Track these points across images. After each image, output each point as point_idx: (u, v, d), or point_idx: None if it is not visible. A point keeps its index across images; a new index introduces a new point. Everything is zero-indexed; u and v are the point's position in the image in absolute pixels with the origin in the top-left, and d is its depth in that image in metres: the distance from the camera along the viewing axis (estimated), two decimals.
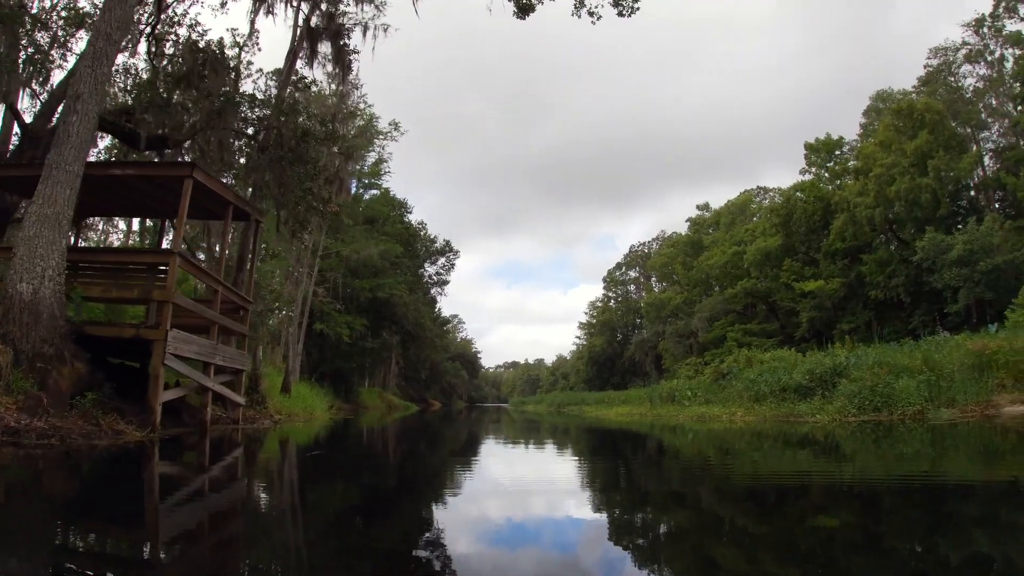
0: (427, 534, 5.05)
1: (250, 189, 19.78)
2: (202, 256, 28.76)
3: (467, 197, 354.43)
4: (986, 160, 47.59)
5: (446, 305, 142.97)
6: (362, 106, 41.72)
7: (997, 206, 44.74)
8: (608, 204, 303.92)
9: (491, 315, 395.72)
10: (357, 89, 32.85)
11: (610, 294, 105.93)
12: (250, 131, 19.04)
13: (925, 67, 51.94)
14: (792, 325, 55.24)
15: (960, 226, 42.08)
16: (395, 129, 46.29)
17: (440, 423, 29.76)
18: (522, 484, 8.29)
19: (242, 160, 19.62)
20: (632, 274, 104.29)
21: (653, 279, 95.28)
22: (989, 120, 48.30)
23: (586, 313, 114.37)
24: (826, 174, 60.18)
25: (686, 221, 79.86)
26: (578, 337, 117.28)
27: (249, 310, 17.37)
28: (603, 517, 5.92)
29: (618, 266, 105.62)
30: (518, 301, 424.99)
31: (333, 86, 31.27)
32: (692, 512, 6.31)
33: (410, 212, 51.91)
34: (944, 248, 37.73)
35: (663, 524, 5.68)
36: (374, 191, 48.31)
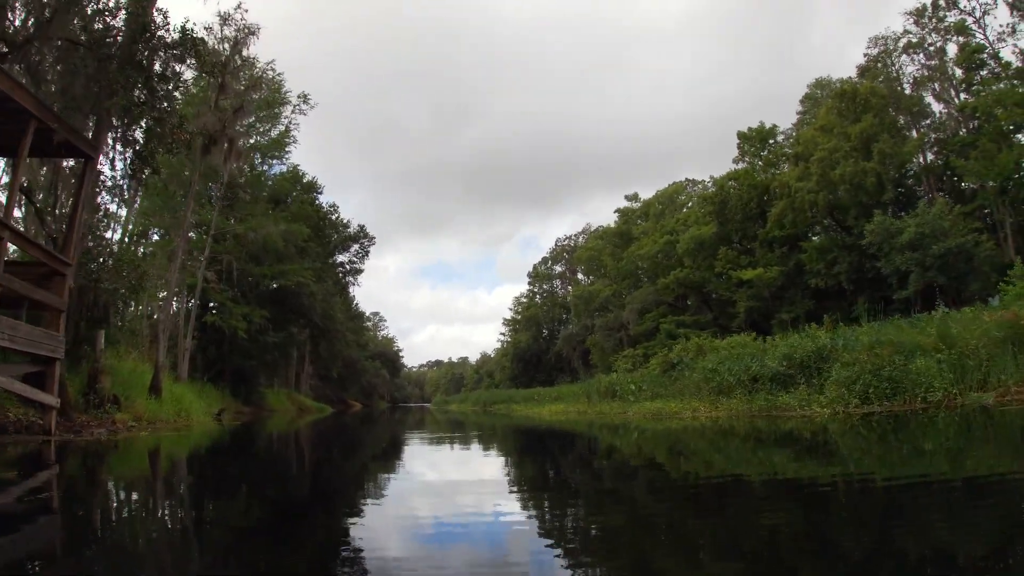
0: None
1: (91, 125, 15.34)
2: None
3: (393, 198, 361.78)
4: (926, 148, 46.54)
5: (368, 303, 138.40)
6: (270, 74, 37.27)
7: (941, 193, 43.59)
8: (533, 206, 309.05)
9: (417, 315, 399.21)
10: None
11: (535, 289, 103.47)
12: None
13: (865, 55, 50.85)
14: (726, 316, 53.56)
15: (903, 213, 40.90)
16: (304, 102, 41.93)
17: (351, 427, 25.96)
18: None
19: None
20: (558, 269, 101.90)
21: (579, 273, 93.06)
22: (931, 107, 47.38)
23: (511, 309, 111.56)
24: (760, 163, 58.56)
25: (614, 212, 77.27)
26: (503, 334, 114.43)
27: (68, 275, 13.03)
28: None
29: (543, 261, 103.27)
30: (444, 301, 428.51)
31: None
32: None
33: (320, 193, 47.23)
34: (894, 232, 36.44)
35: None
36: (281, 167, 43.47)
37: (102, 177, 17.59)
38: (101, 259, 17.85)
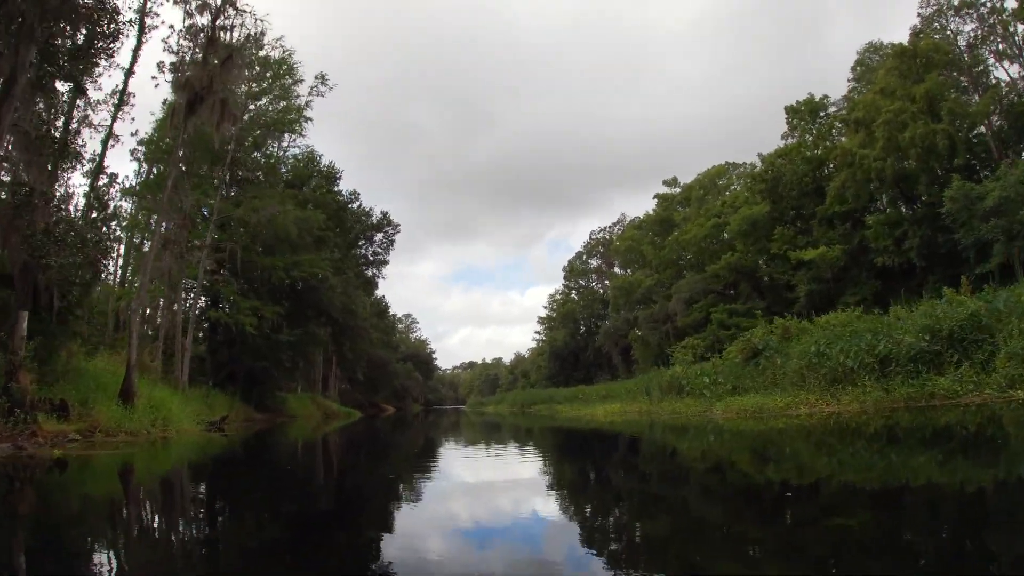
0: None
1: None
2: None
3: (424, 206, 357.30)
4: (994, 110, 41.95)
5: (403, 308, 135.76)
6: (272, 41, 33.77)
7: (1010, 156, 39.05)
8: (560, 207, 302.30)
9: (451, 318, 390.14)
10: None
11: (571, 285, 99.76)
12: None
13: (918, 15, 46.12)
14: (781, 302, 49.28)
15: (984, 174, 36.70)
16: (321, 83, 38.48)
17: (379, 435, 22.63)
18: None
19: None
20: (593, 263, 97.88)
21: (616, 267, 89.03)
22: (993, 68, 42.90)
23: (545, 307, 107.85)
24: (810, 138, 54.09)
25: (653, 198, 73.06)
26: (538, 333, 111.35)
27: None
28: None
29: (578, 255, 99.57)
30: (477, 303, 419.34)
31: None
32: None
33: (339, 179, 43.42)
34: (974, 198, 32.00)
35: None
36: (295, 150, 39.70)
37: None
38: (47, 228, 14.30)
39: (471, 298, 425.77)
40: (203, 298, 30.75)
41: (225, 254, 28.38)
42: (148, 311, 26.67)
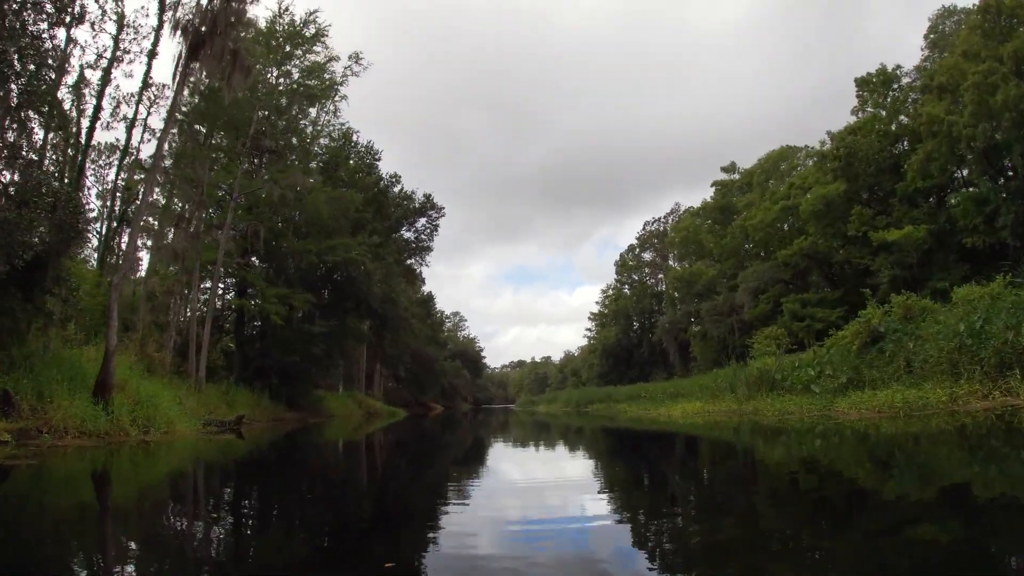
0: None
1: None
2: None
3: (475, 209, 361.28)
4: None
5: (453, 308, 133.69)
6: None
7: None
8: (607, 207, 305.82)
9: (500, 318, 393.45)
10: None
11: (623, 280, 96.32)
12: None
13: None
14: (858, 291, 45.16)
15: None
16: (355, 62, 35.78)
17: (421, 438, 19.72)
18: None
19: None
20: (647, 256, 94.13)
21: (671, 259, 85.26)
22: None
23: (597, 303, 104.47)
24: (883, 112, 49.67)
25: (711, 185, 68.86)
26: (588, 330, 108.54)
27: None
28: None
29: (630, 249, 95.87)
30: (526, 303, 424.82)
31: None
32: None
33: (379, 160, 40.36)
34: None
35: None
36: (324, 139, 36.59)
37: None
38: (13, 190, 11.55)
39: (520, 298, 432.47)
40: (221, 285, 28.06)
41: (247, 234, 25.61)
42: (159, 296, 24.06)
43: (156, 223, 25.08)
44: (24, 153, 14.32)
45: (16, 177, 13.14)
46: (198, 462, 12.02)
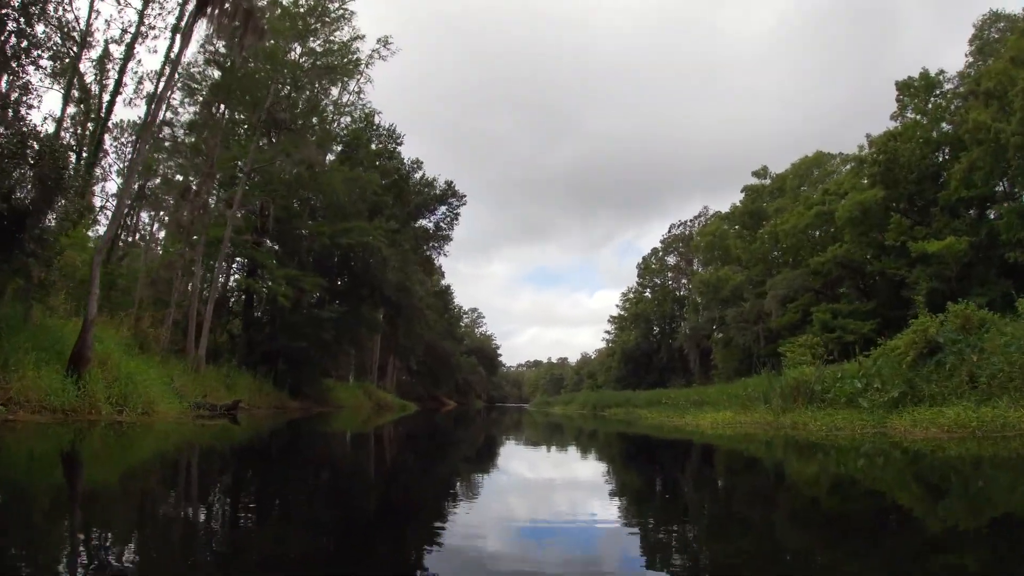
0: None
1: None
2: None
3: (500, 210, 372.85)
4: None
5: (468, 302, 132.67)
6: None
7: None
8: (630, 211, 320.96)
9: (519, 318, 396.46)
10: None
11: (645, 283, 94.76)
12: None
13: None
14: (892, 303, 43.35)
15: None
16: (384, 46, 34.59)
17: (429, 435, 18.41)
18: None
19: None
20: (671, 260, 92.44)
21: (696, 263, 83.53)
22: None
23: (618, 306, 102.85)
24: (925, 118, 47.78)
25: (741, 191, 66.96)
26: (607, 333, 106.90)
27: None
28: None
29: (654, 252, 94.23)
30: (546, 304, 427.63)
31: None
32: None
33: (400, 144, 38.87)
34: None
35: None
36: (347, 117, 35.13)
37: None
38: None
39: (540, 299, 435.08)
40: (229, 264, 26.87)
41: (259, 214, 24.37)
42: (160, 271, 22.88)
43: (167, 198, 24.04)
44: (15, 106, 13.18)
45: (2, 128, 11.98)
46: (167, 450, 10.67)
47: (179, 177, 24.64)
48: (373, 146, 36.40)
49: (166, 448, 10.84)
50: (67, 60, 20.66)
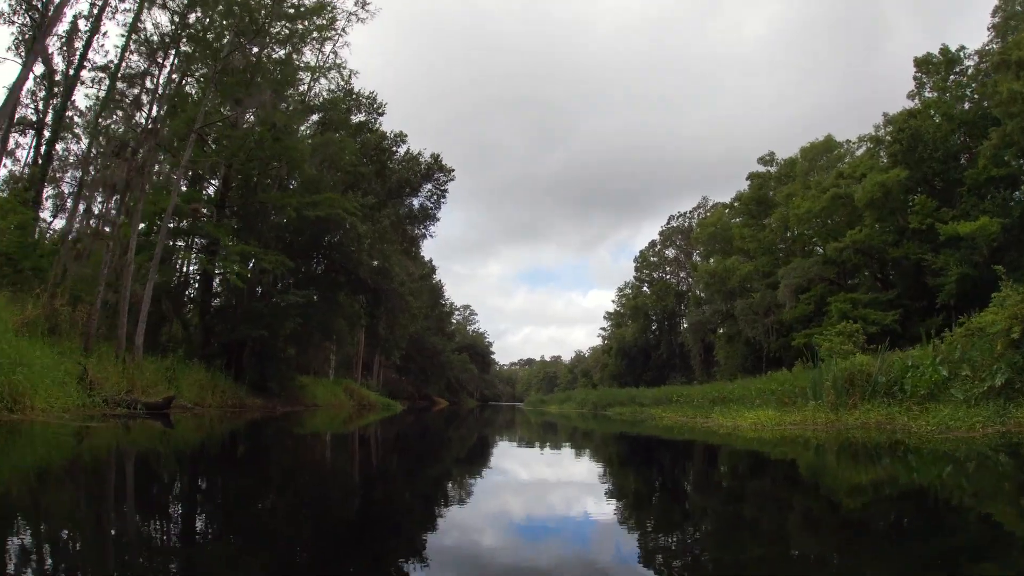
0: None
1: None
2: None
3: (497, 211, 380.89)
4: None
5: (462, 301, 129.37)
6: None
7: None
8: (623, 213, 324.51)
9: (513, 317, 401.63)
10: None
11: (642, 277, 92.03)
12: None
13: None
14: (915, 291, 40.34)
15: None
16: (361, 7, 31.15)
17: (406, 444, 15.01)
18: None
19: None
20: (670, 253, 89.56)
21: (696, 255, 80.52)
22: None
23: (614, 301, 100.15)
24: (947, 96, 44.76)
25: (747, 178, 63.59)
26: (603, 329, 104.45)
27: None
28: None
29: (651, 245, 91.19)
30: (540, 303, 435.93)
31: None
32: None
33: (382, 114, 35.09)
34: None
35: None
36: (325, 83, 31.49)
37: None
38: None
39: (534, 298, 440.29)
40: (188, 242, 23.43)
41: (219, 184, 20.87)
42: (88, 241, 19.33)
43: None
44: None
45: None
46: None
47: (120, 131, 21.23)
48: (354, 118, 32.72)
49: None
50: None
